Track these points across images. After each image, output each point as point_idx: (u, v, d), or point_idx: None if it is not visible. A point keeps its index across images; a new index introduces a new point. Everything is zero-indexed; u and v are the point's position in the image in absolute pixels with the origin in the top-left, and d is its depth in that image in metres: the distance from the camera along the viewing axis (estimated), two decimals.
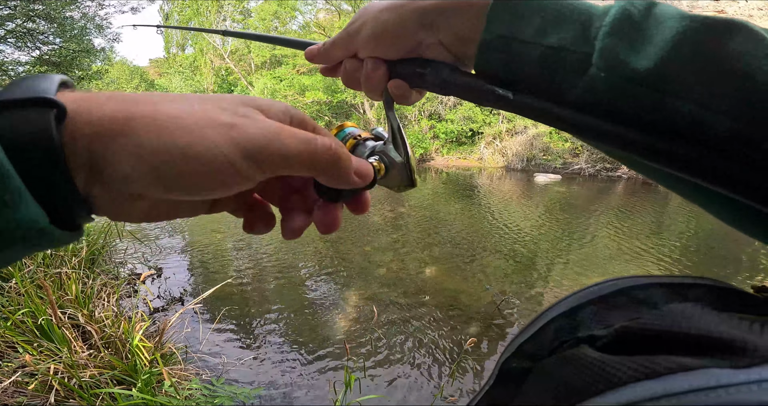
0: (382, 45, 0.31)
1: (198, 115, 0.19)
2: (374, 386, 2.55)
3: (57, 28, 4.79)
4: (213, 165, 0.19)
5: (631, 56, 0.23)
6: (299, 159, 0.21)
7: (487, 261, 4.69)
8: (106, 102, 0.18)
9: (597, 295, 0.25)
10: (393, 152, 0.36)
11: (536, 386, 0.23)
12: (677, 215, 7.50)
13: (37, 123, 0.16)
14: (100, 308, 2.44)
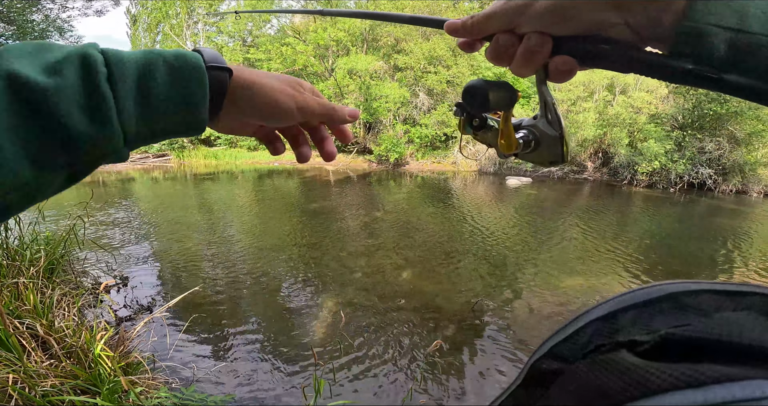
0: (559, 22, 0.29)
1: (281, 87, 0.38)
2: (345, 391, 2.56)
3: (16, 31, 4.58)
4: (284, 109, 0.38)
5: None
6: (318, 112, 0.41)
7: (461, 264, 4.78)
8: (246, 72, 0.37)
9: (642, 299, 0.24)
10: (545, 126, 0.35)
11: (566, 389, 0.23)
12: (639, 215, 7.89)
13: (223, 79, 0.34)
14: (60, 318, 2.36)
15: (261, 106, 0.37)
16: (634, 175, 11.22)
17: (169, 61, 0.32)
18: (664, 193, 10.38)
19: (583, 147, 11.89)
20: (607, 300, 0.26)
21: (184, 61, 0.32)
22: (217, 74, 0.34)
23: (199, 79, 0.32)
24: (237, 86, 0.36)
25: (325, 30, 15.25)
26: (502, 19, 0.31)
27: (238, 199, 8.89)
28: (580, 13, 0.29)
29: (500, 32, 0.32)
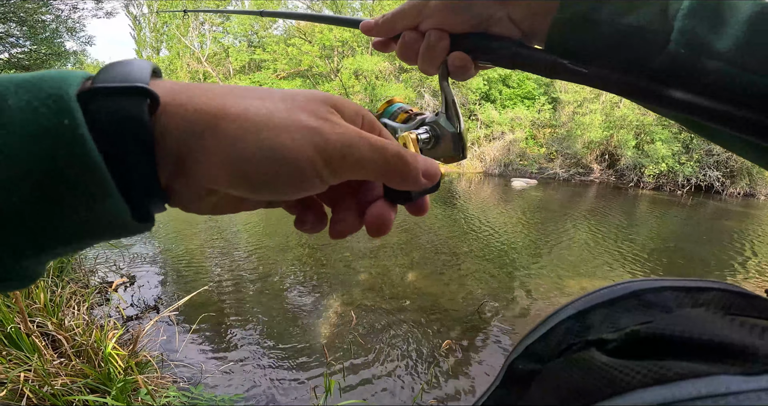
0: (452, 16, 0.31)
1: (283, 115, 0.19)
2: (354, 391, 2.56)
3: (28, 31, 4.64)
4: (297, 169, 0.19)
5: (710, 35, 0.25)
6: (372, 166, 0.21)
7: (466, 265, 4.77)
8: (198, 95, 0.18)
9: (608, 297, 0.24)
10: (445, 123, 0.36)
11: (543, 389, 0.23)
12: (646, 217, 7.83)
13: (131, 114, 0.16)
14: (70, 317, 2.37)
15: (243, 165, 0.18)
16: (641, 177, 11.15)
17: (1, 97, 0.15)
18: (671, 196, 10.30)
19: (589, 149, 11.83)
20: (577, 299, 0.26)
21: (30, 92, 0.15)
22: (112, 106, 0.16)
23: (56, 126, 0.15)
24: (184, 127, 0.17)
25: (331, 30, 15.28)
26: (407, 16, 0.33)
27: None
28: (469, 7, 0.31)
29: (407, 30, 0.33)
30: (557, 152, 12.16)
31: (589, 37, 0.28)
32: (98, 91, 0.16)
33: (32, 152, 0.14)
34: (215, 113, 0.18)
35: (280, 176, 0.19)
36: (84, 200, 0.16)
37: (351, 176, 0.21)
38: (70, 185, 0.15)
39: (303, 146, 0.19)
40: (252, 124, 0.18)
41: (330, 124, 0.20)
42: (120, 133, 0.16)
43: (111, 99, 0.16)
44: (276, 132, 0.19)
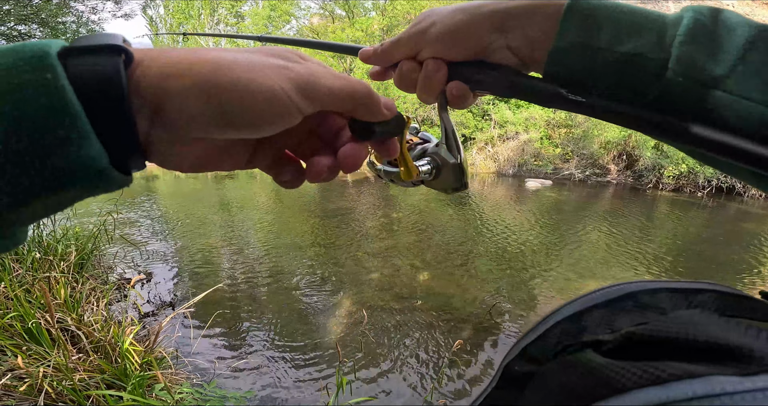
0: (450, 46, 0.31)
1: (254, 59, 0.21)
2: (365, 389, 2.56)
3: (49, 32, 4.75)
4: (273, 98, 0.20)
5: (708, 62, 0.25)
6: (341, 93, 0.23)
7: (479, 266, 4.73)
8: (170, 50, 0.20)
9: (603, 299, 0.25)
10: (446, 153, 0.36)
11: (539, 390, 0.23)
12: (665, 219, 7.65)
13: (106, 67, 0.17)
14: (89, 313, 2.43)
15: (223, 101, 0.19)
16: (660, 178, 10.89)
17: None
18: (692, 198, 10.03)
19: (606, 149, 11.60)
20: (573, 301, 0.26)
21: (12, 56, 0.16)
22: (89, 63, 0.17)
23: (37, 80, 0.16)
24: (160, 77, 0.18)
25: (343, 30, 15.32)
26: (406, 45, 0.33)
27: (257, 198, 9.01)
28: (467, 36, 0.31)
29: (405, 59, 0.33)
30: (573, 153, 11.95)
31: (588, 65, 0.28)
32: (77, 49, 0.17)
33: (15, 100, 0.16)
34: (188, 60, 0.19)
35: (257, 107, 0.20)
36: (61, 144, 0.16)
37: (323, 104, 0.23)
38: (49, 129, 0.16)
39: (275, 78, 0.21)
40: (224, 64, 0.19)
41: (297, 63, 0.23)
42: (97, 85, 0.17)
43: (88, 56, 0.17)
44: (249, 69, 0.20)
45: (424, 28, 0.32)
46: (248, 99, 0.20)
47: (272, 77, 0.21)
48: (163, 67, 0.19)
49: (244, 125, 0.20)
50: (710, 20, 0.26)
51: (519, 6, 0.30)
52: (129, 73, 0.18)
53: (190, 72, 0.19)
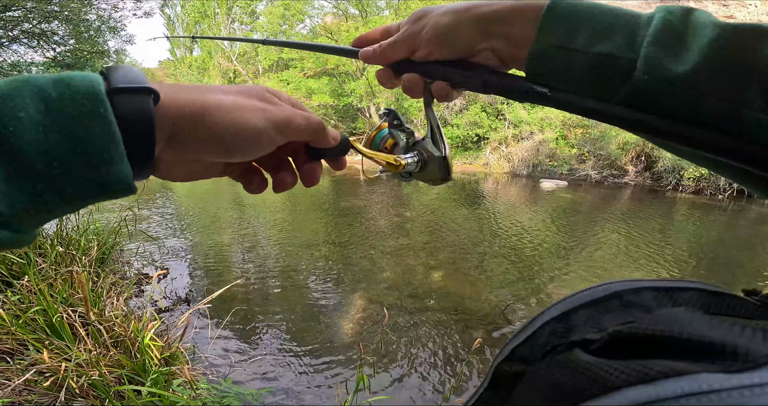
0: (440, 47, 0.35)
1: (244, 102, 0.28)
2: (382, 387, 2.55)
3: (72, 30, 4.85)
4: (257, 135, 0.28)
5: (672, 63, 0.26)
6: (304, 129, 0.31)
7: (492, 266, 4.68)
8: (183, 91, 0.26)
9: (590, 298, 0.25)
10: (431, 147, 0.39)
11: (529, 390, 0.23)
12: (684, 222, 7.46)
13: (142, 107, 0.23)
14: (109, 307, 2.46)
15: (222, 135, 0.26)
16: (680, 180, 10.62)
17: (42, 90, 0.21)
18: (712, 200, 9.76)
19: (624, 150, 11.37)
20: (560, 301, 0.27)
21: (67, 88, 0.21)
22: (130, 101, 0.22)
23: (93, 111, 0.21)
24: (177, 115, 0.25)
25: (357, 29, 15.31)
26: (402, 46, 0.37)
27: (271, 196, 9.07)
28: (454, 39, 0.34)
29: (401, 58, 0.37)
30: (589, 153, 11.75)
31: (564, 65, 0.30)
32: (120, 90, 0.23)
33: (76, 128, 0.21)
34: (200, 103, 0.26)
35: (246, 140, 0.27)
36: (104, 163, 0.22)
37: (292, 137, 0.31)
38: (98, 151, 0.21)
39: (259, 120, 0.28)
40: (224, 108, 0.27)
41: (273, 105, 0.30)
42: (134, 119, 0.23)
43: (129, 95, 0.23)
44: (240, 112, 0.27)
45: (417, 31, 0.35)
46: (241, 136, 0.27)
47: (258, 119, 0.28)
48: (181, 107, 0.25)
49: (234, 154, 0.28)
50: (680, 20, 0.27)
51: (501, 10, 0.32)
52: (155, 111, 0.24)
53: (200, 113, 0.26)
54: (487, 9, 0.32)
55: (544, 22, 0.30)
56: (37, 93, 0.20)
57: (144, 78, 0.24)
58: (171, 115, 0.25)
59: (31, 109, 0.20)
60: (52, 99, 0.21)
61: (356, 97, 14.19)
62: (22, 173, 0.20)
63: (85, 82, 0.22)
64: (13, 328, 1.96)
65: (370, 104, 14.59)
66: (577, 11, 0.30)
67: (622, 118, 0.29)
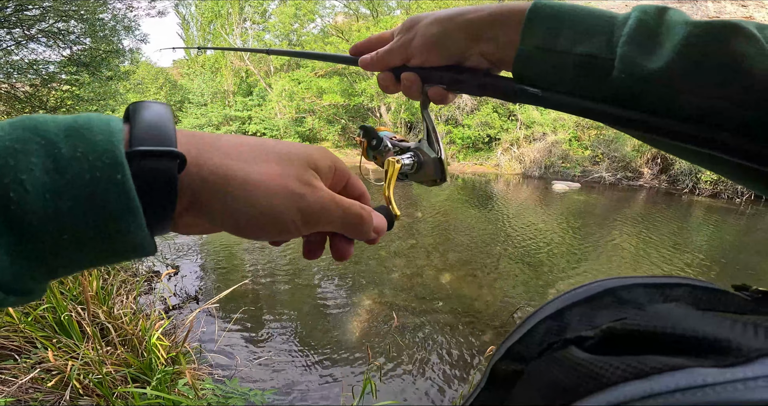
0: (432, 55, 0.36)
1: (276, 181, 0.24)
2: (389, 391, 2.52)
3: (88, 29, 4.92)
4: (281, 224, 0.24)
5: (645, 60, 0.27)
6: (338, 223, 0.27)
7: (502, 268, 4.62)
8: (209, 153, 0.23)
9: (583, 296, 0.26)
10: (427, 148, 0.39)
11: (526, 388, 0.23)
12: (700, 226, 7.28)
13: (165, 174, 0.20)
14: (119, 305, 2.47)
15: (243, 218, 0.23)
16: (697, 183, 10.37)
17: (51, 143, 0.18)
18: (729, 204, 9.51)
19: (639, 152, 11.14)
20: (555, 299, 0.27)
21: (81, 141, 0.18)
22: (152, 167, 0.19)
23: (109, 178, 0.18)
24: (200, 185, 0.22)
25: (368, 29, 15.30)
26: (397, 54, 0.38)
27: None
28: (445, 46, 0.35)
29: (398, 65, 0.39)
30: (603, 155, 11.54)
31: (549, 66, 0.31)
32: (142, 153, 0.20)
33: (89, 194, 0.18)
34: (224, 175, 0.22)
35: (267, 229, 0.24)
36: (121, 232, 0.19)
37: (321, 229, 0.27)
38: (113, 220, 0.19)
39: (289, 209, 0.24)
40: (251, 187, 0.23)
41: (311, 189, 0.25)
42: (156, 187, 0.20)
43: (152, 160, 0.20)
44: (268, 196, 0.24)
45: (409, 40, 0.37)
46: (262, 221, 0.24)
47: (287, 206, 0.24)
48: (204, 179, 0.22)
49: (250, 236, 0.25)
50: (654, 19, 0.28)
51: (487, 16, 0.33)
52: (180, 176, 0.21)
53: (223, 188, 0.22)
54: (472, 16, 0.34)
55: (527, 26, 0.32)
56: (45, 147, 0.18)
57: (172, 134, 0.21)
58: (193, 185, 0.22)
59: (37, 171, 0.17)
60: (63, 157, 0.18)
61: (367, 97, 14.17)
62: (26, 244, 0.18)
63: (104, 136, 0.19)
64: (21, 325, 1.98)
65: (380, 104, 14.56)
66: (558, 14, 0.31)
67: (609, 114, 0.30)
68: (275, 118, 17.14)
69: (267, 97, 17.64)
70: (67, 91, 5.30)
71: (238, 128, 18.34)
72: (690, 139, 0.27)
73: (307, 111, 15.97)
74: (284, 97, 15.99)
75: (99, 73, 5.20)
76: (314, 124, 15.66)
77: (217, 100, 18.91)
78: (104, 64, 5.34)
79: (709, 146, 0.27)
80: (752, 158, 0.26)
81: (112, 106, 6.47)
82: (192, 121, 18.66)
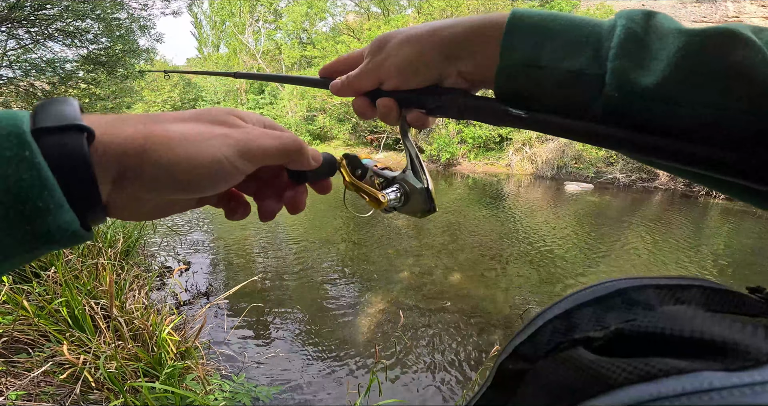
0: (406, 78, 0.33)
1: (198, 129, 0.24)
2: (394, 390, 2.52)
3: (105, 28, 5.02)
4: (218, 166, 0.24)
5: (639, 75, 0.25)
6: (275, 152, 0.27)
7: (511, 269, 4.58)
8: (124, 125, 0.22)
9: (592, 296, 0.25)
10: (412, 179, 0.38)
11: (532, 388, 0.23)
12: (717, 228, 7.11)
13: (73, 146, 0.20)
14: (131, 300, 2.51)
15: (175, 171, 0.22)
16: None
17: None
18: (746, 207, 9.25)
19: None
20: (563, 299, 0.27)
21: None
22: (58, 141, 0.19)
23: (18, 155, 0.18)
24: (120, 152, 0.21)
25: (379, 28, 15.27)
26: (367, 78, 0.35)
27: None
28: (419, 68, 0.33)
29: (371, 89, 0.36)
30: (618, 156, 11.34)
31: (532, 83, 0.29)
32: (47, 129, 0.20)
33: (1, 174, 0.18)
34: (143, 136, 0.22)
35: (206, 174, 0.24)
36: (40, 212, 0.19)
37: (262, 162, 0.27)
38: (30, 200, 0.18)
39: (220, 148, 0.24)
40: (175, 139, 0.23)
41: (236, 128, 0.26)
42: (68, 161, 0.19)
43: (57, 135, 0.20)
44: (196, 142, 0.23)
45: (381, 62, 0.34)
46: (197, 170, 0.23)
47: (216, 146, 0.24)
48: (123, 144, 0.21)
49: (194, 190, 0.24)
50: (642, 28, 0.26)
51: (462, 32, 0.31)
52: (92, 150, 0.20)
53: (144, 149, 0.22)
54: (447, 33, 0.31)
55: (506, 40, 0.29)
56: None
57: (76, 114, 0.21)
58: (113, 153, 0.21)
59: None
60: None
61: None
62: None
63: (9, 122, 0.19)
64: (36, 319, 2.02)
65: None
66: (539, 25, 0.29)
67: (603, 136, 0.27)
68: (286, 116, 17.25)
69: (278, 96, 17.77)
70: (84, 89, 5.42)
71: None
72: (691, 159, 0.25)
73: (318, 109, 16.03)
74: (295, 96, 16.08)
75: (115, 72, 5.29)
76: (325, 123, 15.72)
77: (230, 98, 19.10)
78: (120, 63, 5.44)
79: (711, 165, 0.25)
80: None
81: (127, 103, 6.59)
82: None
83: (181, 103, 20.06)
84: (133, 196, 0.23)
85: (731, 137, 0.24)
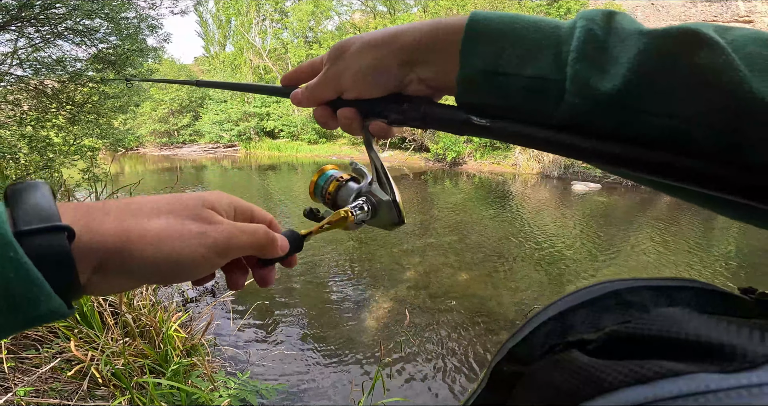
0: (366, 87, 0.32)
1: (174, 228, 0.25)
2: (398, 388, 2.52)
3: (114, 27, 5.05)
4: (194, 264, 0.26)
5: (599, 81, 0.24)
6: (248, 247, 0.29)
7: (516, 269, 4.55)
8: (103, 218, 0.24)
9: (587, 298, 0.25)
10: (379, 192, 0.36)
11: (527, 391, 0.23)
12: (727, 229, 7.01)
13: (56, 246, 0.21)
14: (138, 297, 2.53)
15: (153, 269, 0.24)
16: None
17: None
18: None
19: None
20: (557, 301, 0.26)
21: None
22: (41, 242, 0.21)
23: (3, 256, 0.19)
24: (100, 247, 0.23)
25: (385, 26, 15.23)
26: (327, 88, 0.34)
27: (297, 191, 9.20)
28: (378, 76, 0.32)
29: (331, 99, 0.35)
30: None
31: (493, 90, 0.28)
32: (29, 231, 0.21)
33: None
34: (123, 235, 0.23)
35: (183, 272, 0.26)
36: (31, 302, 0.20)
37: (236, 256, 0.29)
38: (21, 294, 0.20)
39: (197, 249, 0.26)
40: (152, 239, 0.24)
41: (211, 225, 0.27)
42: (52, 259, 0.21)
43: (39, 237, 0.21)
44: (172, 243, 0.25)
45: (339, 71, 0.33)
46: (175, 268, 0.25)
47: (194, 247, 0.25)
48: (102, 241, 0.23)
49: (170, 282, 0.27)
50: (602, 29, 0.25)
51: (420, 38, 0.30)
52: (72, 247, 0.22)
53: (124, 246, 0.23)
54: (407, 38, 0.30)
55: (465, 46, 0.28)
56: None
57: (52, 209, 0.22)
58: (94, 248, 0.23)
59: None
60: None
61: None
62: None
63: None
64: None
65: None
66: (499, 30, 0.27)
67: (567, 146, 0.26)
68: (293, 115, 17.31)
69: None
70: (93, 87, 5.47)
71: (257, 124, 18.62)
72: (654, 169, 0.24)
73: None
74: None
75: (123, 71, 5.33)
76: None
77: (237, 96, 19.21)
78: (129, 63, 5.48)
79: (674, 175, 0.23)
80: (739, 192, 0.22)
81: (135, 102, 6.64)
82: (212, 118, 19.04)
83: (188, 101, 20.20)
84: (114, 281, 0.25)
85: (701, 150, 0.23)
